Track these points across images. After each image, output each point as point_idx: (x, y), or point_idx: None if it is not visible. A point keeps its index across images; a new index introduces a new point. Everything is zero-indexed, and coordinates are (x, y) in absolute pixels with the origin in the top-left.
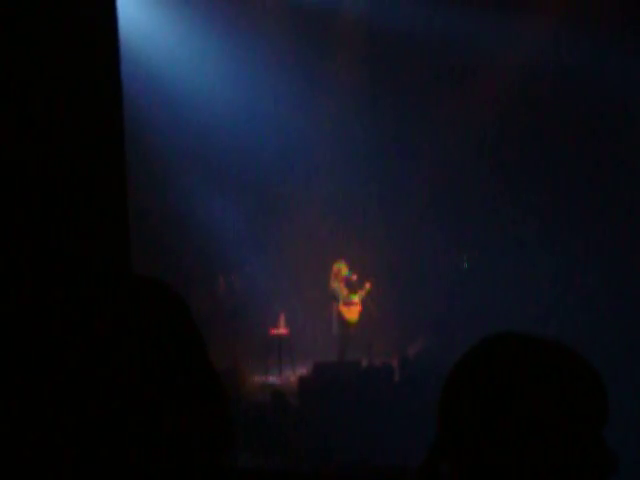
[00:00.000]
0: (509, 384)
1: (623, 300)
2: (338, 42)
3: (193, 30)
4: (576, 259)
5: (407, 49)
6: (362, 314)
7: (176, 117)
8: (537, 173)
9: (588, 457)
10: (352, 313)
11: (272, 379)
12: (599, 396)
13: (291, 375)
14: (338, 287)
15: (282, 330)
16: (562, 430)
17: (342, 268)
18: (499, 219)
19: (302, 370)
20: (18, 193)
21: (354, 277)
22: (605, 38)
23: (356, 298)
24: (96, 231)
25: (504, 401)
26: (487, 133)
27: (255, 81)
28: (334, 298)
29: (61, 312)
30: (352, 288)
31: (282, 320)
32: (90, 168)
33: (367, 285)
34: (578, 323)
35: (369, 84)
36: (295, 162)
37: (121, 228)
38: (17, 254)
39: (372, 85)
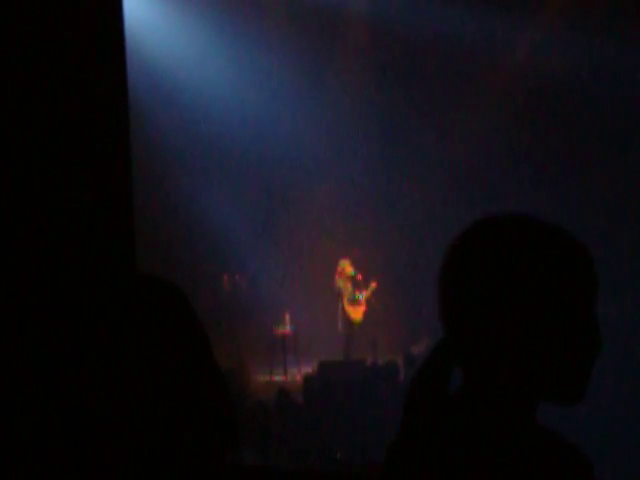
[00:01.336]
0: (501, 265)
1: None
2: (345, 41)
3: (197, 29)
4: None
5: (413, 49)
6: (367, 313)
7: (181, 117)
8: (543, 174)
9: (581, 331)
10: (357, 312)
11: (277, 378)
12: (588, 269)
13: (296, 374)
14: (343, 286)
15: (287, 329)
16: (555, 305)
17: (346, 267)
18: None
19: (307, 369)
20: (24, 192)
21: (359, 276)
22: (608, 38)
23: (361, 297)
24: (102, 230)
25: (499, 283)
26: (493, 134)
27: (260, 80)
28: (339, 297)
29: (65, 311)
30: (357, 287)
31: (287, 319)
32: (95, 167)
33: (373, 284)
34: None
35: (374, 84)
36: (300, 161)
37: (126, 227)
38: (22, 253)
39: (377, 85)
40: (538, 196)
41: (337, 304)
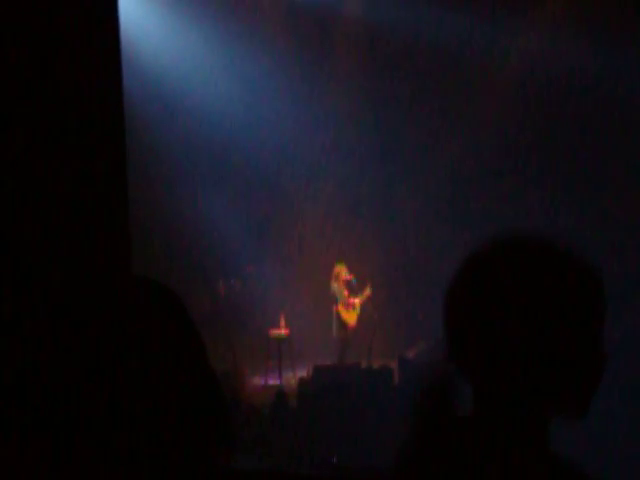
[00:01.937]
0: (511, 284)
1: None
2: (342, 44)
3: (193, 29)
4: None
5: (410, 51)
6: (362, 317)
7: (177, 120)
8: (542, 177)
9: (586, 352)
10: (351, 316)
11: (272, 381)
12: (596, 291)
13: (291, 378)
14: (338, 290)
15: (283, 330)
16: (562, 325)
17: (342, 271)
18: (500, 222)
19: (302, 373)
20: (18, 195)
21: (354, 280)
22: (608, 39)
23: (356, 301)
24: (97, 234)
25: (507, 300)
26: (492, 137)
27: (256, 82)
28: (334, 301)
29: (60, 315)
30: (353, 291)
31: (282, 321)
32: (91, 169)
33: (368, 289)
34: None
35: (371, 85)
36: (297, 164)
37: (122, 230)
38: (18, 256)
39: (374, 86)
40: (536, 200)
41: (332, 308)
